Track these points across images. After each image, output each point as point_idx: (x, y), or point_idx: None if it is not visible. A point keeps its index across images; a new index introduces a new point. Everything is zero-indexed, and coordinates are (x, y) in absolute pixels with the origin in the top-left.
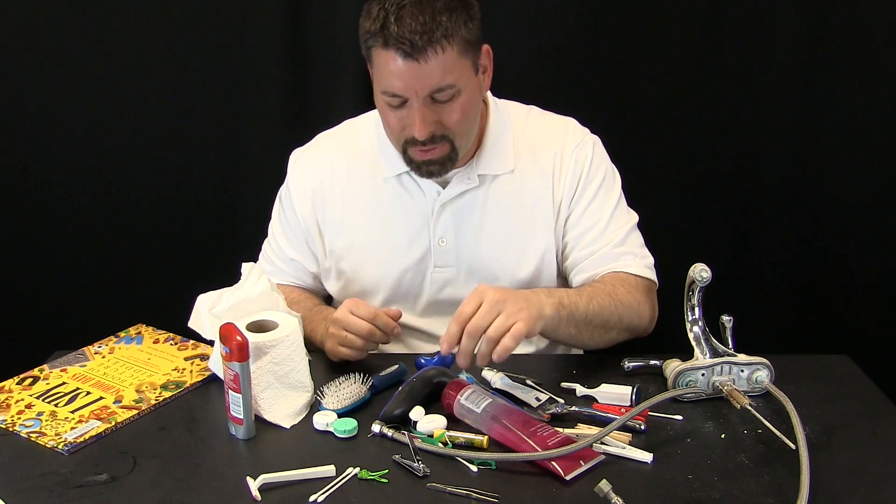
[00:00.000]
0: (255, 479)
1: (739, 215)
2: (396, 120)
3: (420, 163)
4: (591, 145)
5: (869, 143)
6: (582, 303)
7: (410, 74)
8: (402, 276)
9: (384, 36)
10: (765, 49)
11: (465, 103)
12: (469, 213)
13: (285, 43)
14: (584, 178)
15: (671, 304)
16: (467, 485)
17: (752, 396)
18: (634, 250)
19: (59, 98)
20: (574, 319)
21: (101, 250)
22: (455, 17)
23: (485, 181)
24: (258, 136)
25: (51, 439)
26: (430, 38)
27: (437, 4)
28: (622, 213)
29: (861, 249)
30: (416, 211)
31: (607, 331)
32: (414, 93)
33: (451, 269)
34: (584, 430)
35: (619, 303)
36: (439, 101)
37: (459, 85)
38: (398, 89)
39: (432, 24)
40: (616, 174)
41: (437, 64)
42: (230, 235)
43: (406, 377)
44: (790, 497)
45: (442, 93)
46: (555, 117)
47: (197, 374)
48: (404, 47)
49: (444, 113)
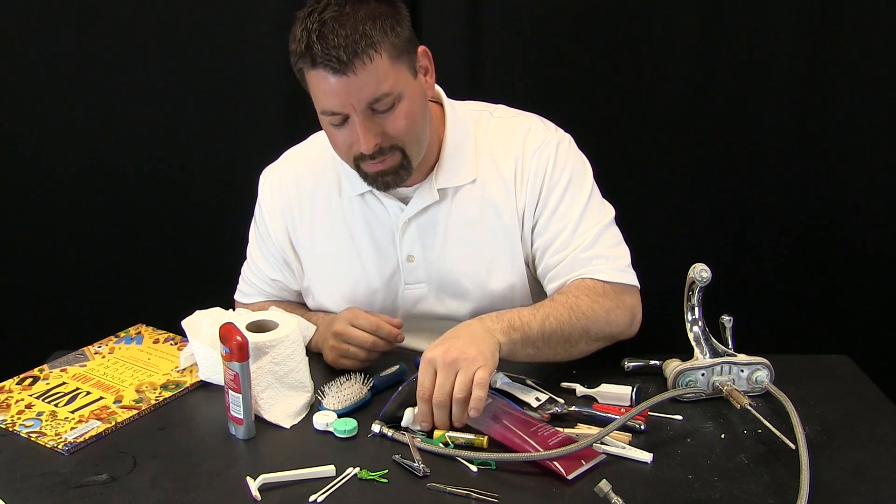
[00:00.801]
0: (255, 479)
1: (739, 215)
2: (342, 138)
3: (374, 175)
4: (555, 146)
5: (869, 143)
6: (536, 322)
7: (344, 90)
8: (373, 296)
9: (311, 56)
10: (765, 49)
11: (408, 110)
12: (433, 228)
13: (284, 44)
14: (547, 184)
15: (671, 304)
16: (467, 485)
17: (752, 396)
18: (606, 252)
19: (58, 99)
20: (530, 340)
21: (102, 250)
22: (380, 25)
23: (446, 194)
24: (258, 136)
25: (51, 439)
26: (354, 51)
27: (359, 15)
28: (593, 212)
29: (861, 249)
30: (381, 229)
31: (573, 344)
32: (351, 108)
33: (423, 285)
34: (584, 430)
35: (582, 314)
36: (379, 111)
37: (397, 92)
38: (335, 107)
39: (354, 35)
40: (586, 169)
41: (367, 75)
42: (230, 236)
43: (406, 377)
44: (790, 497)
45: (380, 102)
46: (517, 118)
47: (197, 374)
48: (332, 64)
49: (388, 123)
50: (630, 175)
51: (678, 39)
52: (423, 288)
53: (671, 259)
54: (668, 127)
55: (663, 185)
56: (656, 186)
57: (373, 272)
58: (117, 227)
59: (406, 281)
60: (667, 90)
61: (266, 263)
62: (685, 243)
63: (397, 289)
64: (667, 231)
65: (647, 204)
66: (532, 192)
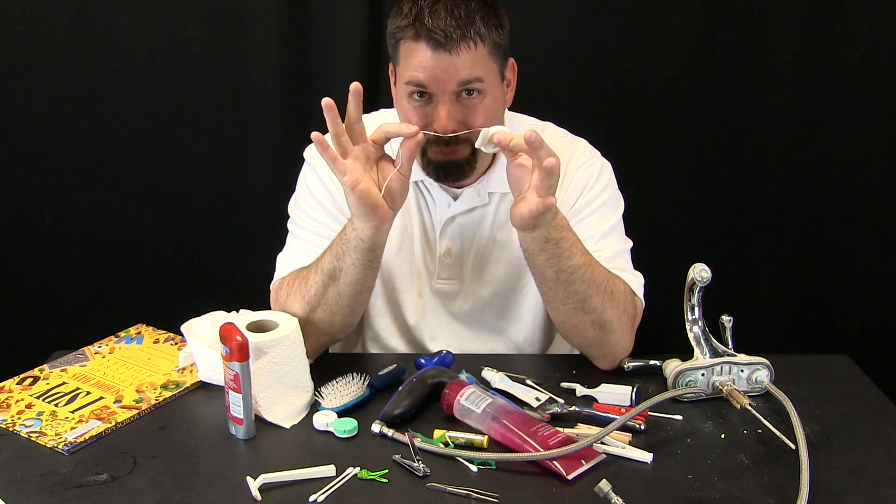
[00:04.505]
0: (255, 479)
1: (739, 215)
2: (419, 117)
3: (439, 164)
4: (598, 167)
5: (869, 143)
6: (575, 258)
7: (440, 66)
8: (408, 272)
9: (415, 28)
10: (765, 49)
11: (489, 107)
12: (476, 228)
13: (285, 47)
14: (583, 198)
15: (671, 304)
16: (467, 485)
17: (752, 396)
18: (624, 267)
19: (58, 99)
20: (557, 258)
21: (102, 250)
22: (488, 20)
23: (493, 198)
24: (259, 138)
25: (51, 439)
26: (464, 33)
27: (472, 5)
28: (616, 237)
29: (861, 249)
30: (424, 220)
31: (583, 310)
32: (442, 86)
33: (454, 282)
34: (584, 430)
35: (610, 294)
36: (466, 98)
37: (486, 84)
38: (426, 81)
39: (466, 19)
40: (620, 202)
41: (467, 58)
42: (230, 236)
43: (405, 377)
44: (790, 497)
45: (469, 86)
46: (568, 137)
47: (197, 374)
48: (437, 37)
49: (470, 113)
50: (630, 175)
51: (677, 41)
52: (453, 285)
53: (671, 259)
54: (667, 127)
55: (663, 184)
56: (656, 186)
57: (408, 259)
58: (117, 227)
59: (439, 276)
60: (666, 90)
61: (328, 216)
62: (685, 243)
63: (429, 280)
64: (667, 231)
65: (647, 204)
66: (567, 201)
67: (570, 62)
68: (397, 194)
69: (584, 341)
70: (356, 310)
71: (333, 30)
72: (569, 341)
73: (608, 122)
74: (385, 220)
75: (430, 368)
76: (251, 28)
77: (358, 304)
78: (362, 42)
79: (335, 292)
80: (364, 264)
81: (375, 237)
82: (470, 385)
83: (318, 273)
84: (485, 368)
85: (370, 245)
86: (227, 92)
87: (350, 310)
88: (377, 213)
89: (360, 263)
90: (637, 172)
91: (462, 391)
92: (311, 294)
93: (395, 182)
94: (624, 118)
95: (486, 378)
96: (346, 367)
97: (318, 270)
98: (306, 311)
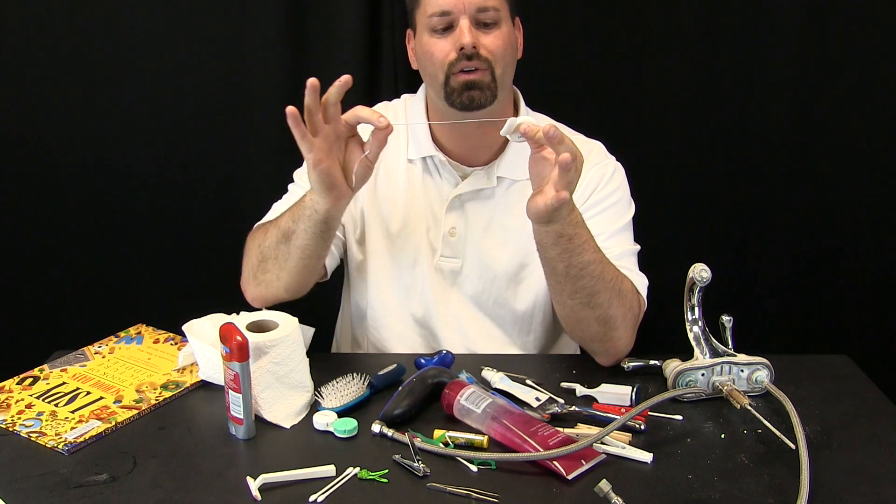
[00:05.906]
0: (255, 479)
1: (739, 215)
2: (442, 45)
3: (462, 86)
4: (613, 168)
5: (868, 143)
6: (587, 255)
7: None
8: (411, 246)
9: None
10: (765, 49)
11: (505, 36)
12: (482, 209)
13: (285, 47)
14: (596, 195)
15: (671, 304)
16: (467, 485)
17: (752, 396)
18: (630, 266)
19: (59, 99)
20: (569, 253)
21: (102, 250)
22: None
23: (502, 183)
24: (258, 137)
25: (51, 439)
26: None
27: None
28: (625, 237)
29: (861, 249)
30: (431, 197)
31: (590, 305)
32: (462, 8)
33: (457, 260)
34: (584, 430)
35: (618, 292)
36: (484, 24)
37: (501, 14)
38: (448, 5)
39: None
40: (631, 205)
41: None
42: (230, 236)
43: (405, 376)
44: (790, 497)
45: (486, 14)
46: (583, 136)
47: (197, 374)
48: None
49: (487, 39)
50: (630, 175)
51: (677, 41)
52: (456, 263)
53: (671, 259)
54: (668, 127)
55: (663, 185)
56: (657, 186)
57: (413, 235)
58: (117, 227)
59: (443, 253)
60: (666, 90)
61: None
62: (685, 243)
63: (432, 257)
64: (667, 231)
65: (647, 204)
66: (580, 198)
67: (571, 64)
68: (360, 177)
69: (587, 336)
70: (304, 273)
71: (333, 30)
72: (572, 336)
73: (608, 123)
74: (342, 199)
75: (430, 368)
76: (251, 28)
77: (306, 269)
78: (362, 42)
79: (285, 251)
80: (315, 234)
81: (330, 212)
82: (470, 385)
83: (276, 229)
84: (485, 368)
85: (323, 217)
86: (227, 92)
87: (297, 272)
88: (334, 192)
89: (312, 232)
90: (637, 172)
91: (462, 391)
92: (266, 245)
93: (360, 166)
94: (624, 119)
95: (486, 378)
96: (346, 367)
97: (276, 226)
98: (259, 258)
